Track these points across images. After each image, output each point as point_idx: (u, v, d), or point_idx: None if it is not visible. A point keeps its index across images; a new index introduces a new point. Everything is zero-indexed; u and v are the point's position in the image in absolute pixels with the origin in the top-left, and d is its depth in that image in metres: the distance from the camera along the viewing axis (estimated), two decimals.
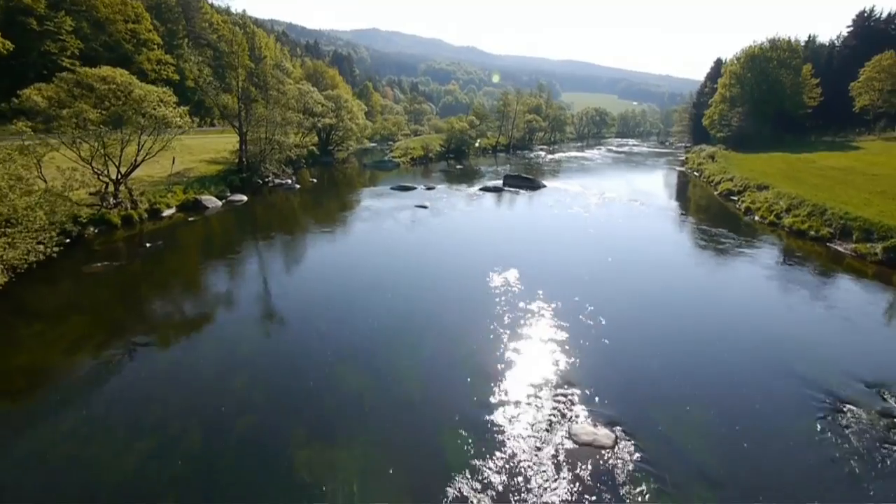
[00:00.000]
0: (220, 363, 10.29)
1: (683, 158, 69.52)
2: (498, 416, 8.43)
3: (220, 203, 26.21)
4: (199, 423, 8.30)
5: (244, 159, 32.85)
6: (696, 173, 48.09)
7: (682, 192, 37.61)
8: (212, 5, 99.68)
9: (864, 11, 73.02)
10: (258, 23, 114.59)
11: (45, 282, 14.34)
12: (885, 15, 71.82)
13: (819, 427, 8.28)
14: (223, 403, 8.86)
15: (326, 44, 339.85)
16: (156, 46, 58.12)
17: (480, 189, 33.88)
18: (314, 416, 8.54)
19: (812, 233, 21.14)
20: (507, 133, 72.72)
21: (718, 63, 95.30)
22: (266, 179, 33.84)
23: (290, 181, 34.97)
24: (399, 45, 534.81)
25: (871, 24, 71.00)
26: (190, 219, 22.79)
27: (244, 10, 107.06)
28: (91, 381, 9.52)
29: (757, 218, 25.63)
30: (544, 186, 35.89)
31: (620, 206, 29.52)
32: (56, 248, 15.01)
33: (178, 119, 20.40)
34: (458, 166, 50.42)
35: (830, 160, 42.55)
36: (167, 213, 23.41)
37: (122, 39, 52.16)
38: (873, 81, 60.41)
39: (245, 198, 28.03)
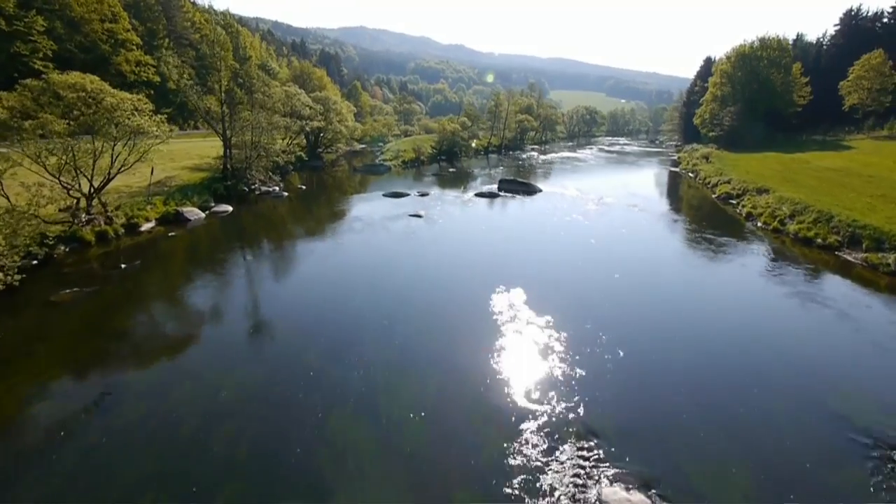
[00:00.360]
0: (200, 413, 9.16)
1: (676, 158, 69.41)
2: (516, 479, 7.46)
3: (203, 215, 24.82)
4: (174, 495, 7.19)
5: (229, 166, 31.41)
6: (691, 174, 47.75)
7: (680, 196, 37.12)
8: (194, 3, 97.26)
9: (851, 10, 73.59)
10: (242, 21, 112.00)
11: (5, 313, 13.01)
12: (871, 13, 72.51)
13: (874, 482, 7.47)
14: (203, 467, 7.75)
15: (313, 42, 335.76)
16: (135, 47, 56.00)
17: (475, 195, 32.92)
18: (306, 480, 7.49)
19: (819, 241, 20.59)
20: (498, 133, 71.88)
21: (708, 62, 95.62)
22: (252, 187, 32.45)
23: (277, 188, 33.60)
24: (387, 43, 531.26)
25: (858, 23, 71.55)
26: (170, 234, 21.41)
27: (227, 9, 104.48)
28: (48, 442, 8.33)
29: (760, 224, 25.09)
30: (540, 191, 35.06)
31: (619, 212, 28.79)
32: (19, 276, 13.70)
33: (155, 128, 19.01)
34: (451, 169, 49.40)
35: (825, 160, 42.48)
36: (146, 227, 22.02)
37: (98, 40, 50.05)
38: (862, 80, 60.79)
39: (230, 208, 26.66)
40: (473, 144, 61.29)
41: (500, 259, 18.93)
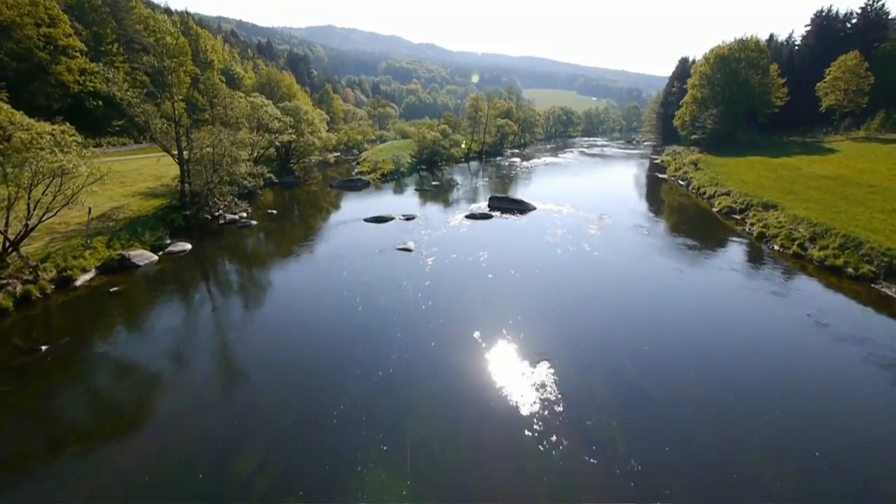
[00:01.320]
0: None
1: (659, 161, 68.81)
2: None
3: (155, 258, 21.18)
4: None
5: (187, 192, 27.63)
6: (681, 182, 46.59)
7: (678, 210, 35.49)
8: (148, 3, 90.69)
9: (822, 11, 74.77)
10: (203, 22, 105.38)
11: None
12: (841, 14, 73.84)
13: None
14: None
15: (280, 42, 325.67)
16: (79, 54, 50.62)
17: (466, 217, 30.26)
18: None
19: (850, 270, 18.96)
20: (479, 139, 69.53)
21: (684, 63, 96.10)
22: (216, 214, 28.78)
23: (244, 214, 30.01)
24: (357, 42, 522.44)
25: (830, 24, 72.69)
26: (113, 289, 17.78)
27: (185, 9, 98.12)
28: None
29: (776, 247, 23.44)
30: (534, 209, 32.74)
31: (624, 235, 26.73)
32: None
33: (84, 167, 15.42)
34: (434, 182, 46.58)
35: (814, 166, 41.99)
36: (83, 279, 18.33)
37: (34, 47, 44.68)
38: (839, 81, 61.49)
39: (188, 246, 23.01)
40: (454, 152, 58.63)
41: (506, 308, 16.34)
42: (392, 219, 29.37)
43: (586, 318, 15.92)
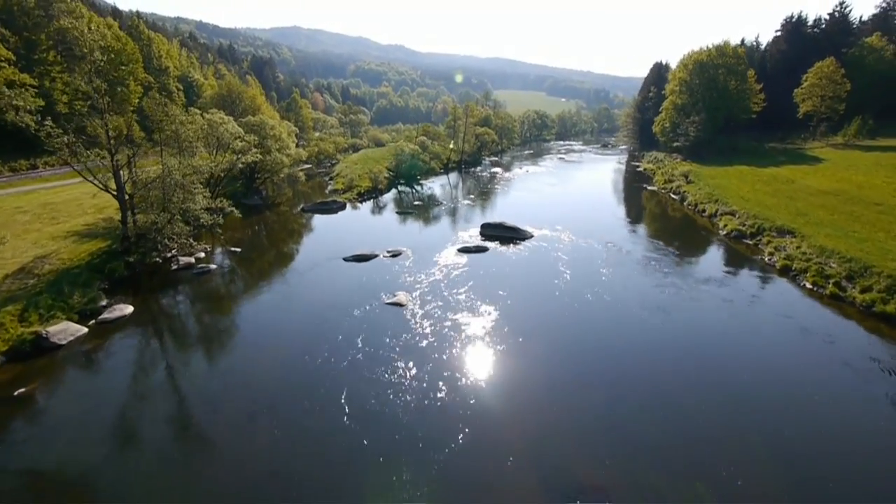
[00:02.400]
0: None
1: (642, 169, 67.82)
2: None
3: (84, 330, 17.00)
4: None
5: (131, 234, 23.23)
6: (673, 196, 45.02)
7: (683, 234, 33.09)
8: (93, 4, 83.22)
9: (791, 17, 75.97)
10: (155, 26, 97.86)
11: None
12: (811, 20, 75.19)
13: None
14: None
15: (243, 44, 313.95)
16: (6, 64, 44.33)
17: (459, 250, 27.11)
18: None
19: None
20: (457, 148, 66.63)
21: (658, 67, 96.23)
22: (169, 256, 24.50)
23: (202, 254, 25.82)
24: (324, 44, 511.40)
25: (801, 30, 73.78)
26: (17, 391, 13.61)
27: (136, 11, 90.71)
28: None
29: (808, 284, 21.37)
30: (531, 236, 29.98)
31: (637, 271, 24.26)
32: None
33: None
34: (416, 203, 43.19)
35: (808, 178, 41.20)
36: None
37: None
38: (815, 88, 62.06)
39: (129, 309, 18.80)
40: (433, 165, 55.47)
41: (521, 390, 13.35)
42: (375, 256, 25.87)
43: (637, 422, 13.08)
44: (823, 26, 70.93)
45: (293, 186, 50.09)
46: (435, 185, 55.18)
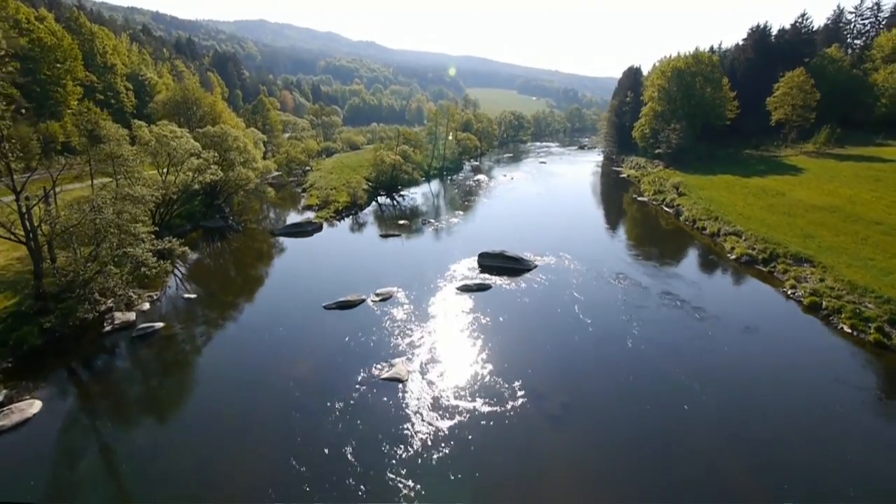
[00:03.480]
0: None
1: (625, 175, 66.40)
2: None
3: None
4: None
5: (44, 291, 18.43)
6: (666, 209, 43.13)
7: (690, 258, 30.44)
8: None
9: (758, 26, 76.66)
10: (101, 17, 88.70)
11: None
12: (775, 31, 76.19)
13: None
14: None
15: (205, 38, 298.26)
16: None
17: (458, 289, 23.62)
18: None
19: None
20: (438, 155, 63.09)
21: (632, 72, 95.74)
22: (102, 310, 19.83)
23: (146, 305, 21.24)
24: (292, 38, 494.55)
25: (765, 39, 74.48)
26: None
27: (79, 1, 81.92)
28: None
29: (845, 328, 19.18)
30: (534, 266, 26.88)
31: (655, 307, 21.53)
32: None
33: None
34: (401, 221, 39.29)
35: (795, 191, 40.21)
36: None
37: None
38: (787, 97, 62.32)
39: (35, 405, 14.09)
40: (415, 176, 51.71)
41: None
42: (362, 301, 22.02)
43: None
44: (787, 37, 71.71)
45: (262, 200, 45.30)
46: (417, 196, 51.49)
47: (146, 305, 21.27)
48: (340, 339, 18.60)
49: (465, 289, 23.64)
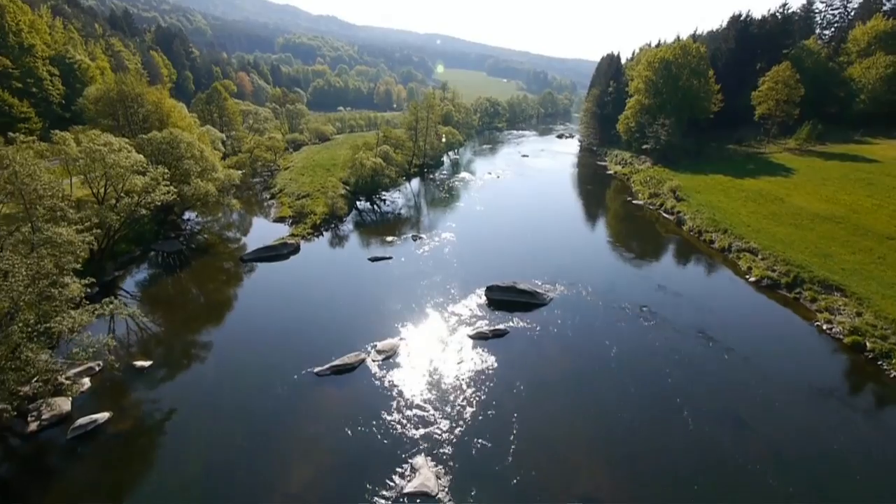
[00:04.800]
0: None
1: (612, 172, 64.52)
2: None
3: None
4: None
5: None
6: (667, 215, 41.25)
7: (710, 284, 27.94)
8: None
9: (739, 15, 75.76)
10: None
11: None
12: (757, 19, 75.38)
13: None
14: None
15: (145, 8, 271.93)
16: None
17: (471, 338, 20.31)
18: None
19: None
20: (419, 152, 58.65)
21: (613, 61, 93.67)
22: (23, 403, 15.14)
23: (85, 384, 16.67)
24: (246, 11, 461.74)
25: (748, 29, 73.68)
26: None
27: None
28: None
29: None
30: (549, 300, 23.94)
31: (697, 358, 19.19)
32: None
33: None
34: (389, 238, 35.16)
35: (793, 196, 39.35)
36: None
37: None
38: (772, 92, 61.77)
39: None
40: (398, 180, 47.30)
41: None
42: (361, 362, 18.34)
43: None
44: (768, 27, 71.25)
45: (224, 204, 38.80)
46: (399, 200, 47.25)
47: (86, 383, 16.69)
48: (343, 425, 14.97)
49: (480, 336, 20.41)
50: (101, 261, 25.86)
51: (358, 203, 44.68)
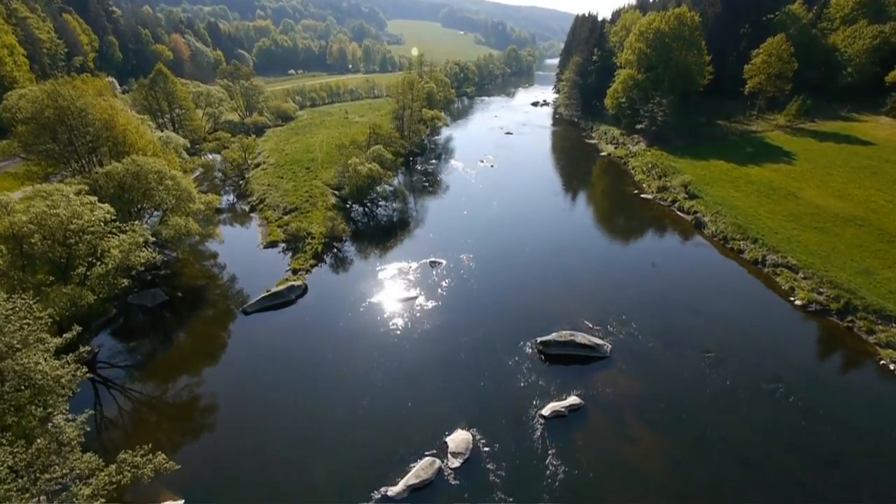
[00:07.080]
0: None
1: (605, 154, 62.00)
2: None
3: None
4: None
5: None
6: (681, 213, 39.85)
7: (762, 309, 26.94)
8: None
9: None
10: None
11: None
12: None
13: None
14: None
15: None
16: None
17: (545, 416, 18.15)
18: None
19: None
20: (406, 139, 53.56)
21: (594, 24, 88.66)
22: None
23: None
24: None
25: None
26: None
27: None
28: None
29: None
30: (607, 353, 22.04)
31: (774, 411, 18.15)
32: None
33: None
34: (400, 265, 31.48)
35: (805, 190, 39.36)
36: None
37: None
38: (765, 65, 60.42)
39: None
40: (391, 183, 42.75)
41: None
42: (437, 473, 15.74)
43: None
44: None
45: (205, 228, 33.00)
46: (393, 202, 42.89)
47: None
48: None
49: (556, 415, 18.29)
50: (70, 320, 21.04)
51: (351, 210, 40.16)
